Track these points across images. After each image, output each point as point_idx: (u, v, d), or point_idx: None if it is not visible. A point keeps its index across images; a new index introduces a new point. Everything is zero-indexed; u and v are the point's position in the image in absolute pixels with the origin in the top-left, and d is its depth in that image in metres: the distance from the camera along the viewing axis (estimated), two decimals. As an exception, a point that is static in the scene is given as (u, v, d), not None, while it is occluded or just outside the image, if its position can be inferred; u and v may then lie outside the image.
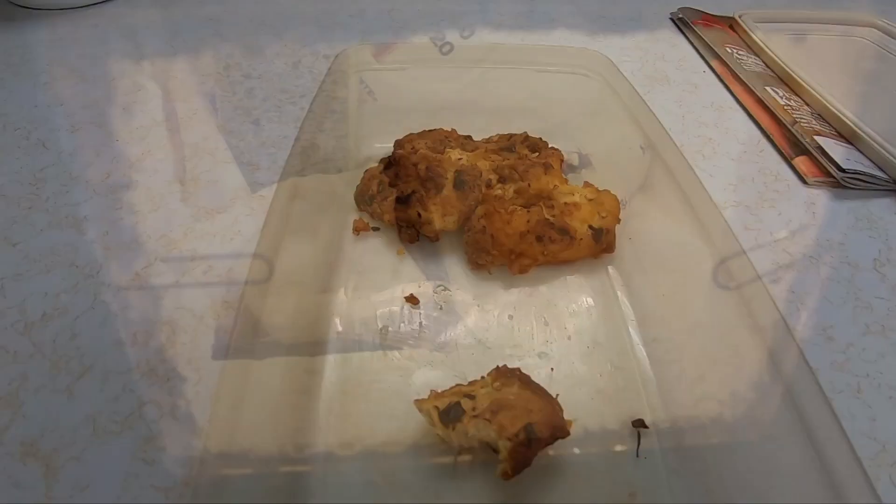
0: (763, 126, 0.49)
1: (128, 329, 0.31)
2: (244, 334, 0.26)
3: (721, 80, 0.57)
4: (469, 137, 0.43)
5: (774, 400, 0.25)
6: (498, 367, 0.27)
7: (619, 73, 0.40)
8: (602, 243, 0.35)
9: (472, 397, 0.26)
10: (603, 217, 0.35)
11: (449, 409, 0.25)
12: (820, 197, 0.43)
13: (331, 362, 0.29)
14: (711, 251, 0.31)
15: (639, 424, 0.27)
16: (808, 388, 0.24)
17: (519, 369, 0.27)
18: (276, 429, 0.26)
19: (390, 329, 0.31)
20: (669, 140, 0.36)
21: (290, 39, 0.62)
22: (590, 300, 0.33)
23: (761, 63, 0.58)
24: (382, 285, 0.34)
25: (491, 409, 0.25)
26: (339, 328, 0.31)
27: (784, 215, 0.41)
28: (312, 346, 0.30)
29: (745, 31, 0.62)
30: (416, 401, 0.26)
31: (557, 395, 0.26)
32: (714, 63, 0.59)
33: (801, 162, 0.45)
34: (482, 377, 0.27)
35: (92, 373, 0.29)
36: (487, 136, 0.44)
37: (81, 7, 0.65)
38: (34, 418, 0.27)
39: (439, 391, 0.26)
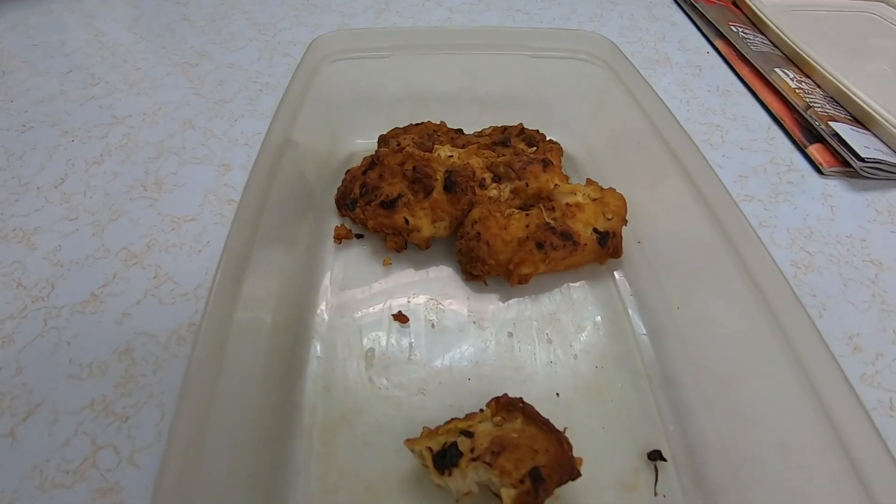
0: (773, 111, 0.46)
1: (82, 360, 0.28)
2: (205, 364, 0.22)
3: (726, 62, 0.53)
4: (460, 131, 0.40)
5: (810, 423, 0.22)
6: (498, 398, 0.24)
7: (623, 56, 0.37)
8: (608, 248, 0.32)
9: (469, 435, 0.23)
10: (608, 219, 0.32)
11: (444, 452, 0.22)
12: (837, 188, 0.40)
13: (310, 392, 0.26)
14: (731, 253, 0.27)
15: (655, 457, 0.25)
16: (847, 407, 0.21)
17: (521, 400, 0.24)
18: (246, 474, 0.23)
19: (377, 352, 0.28)
20: (680, 130, 0.33)
21: (265, 24, 0.57)
22: (596, 313, 0.30)
23: (768, 42, 0.54)
24: (367, 301, 0.30)
25: (492, 449, 0.22)
26: (320, 352, 0.28)
27: (800, 210, 0.38)
28: (289, 373, 0.27)
29: (749, 8, 0.58)
30: (408, 441, 0.23)
31: (566, 428, 0.23)
32: (718, 43, 0.55)
33: (815, 150, 0.42)
34: (481, 410, 0.24)
35: (40, 412, 0.25)
36: (480, 129, 0.40)
37: (35, -9, 0.60)
38: (-29, 471, 0.23)
39: (432, 427, 0.23)
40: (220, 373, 0.22)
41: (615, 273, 0.33)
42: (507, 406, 0.24)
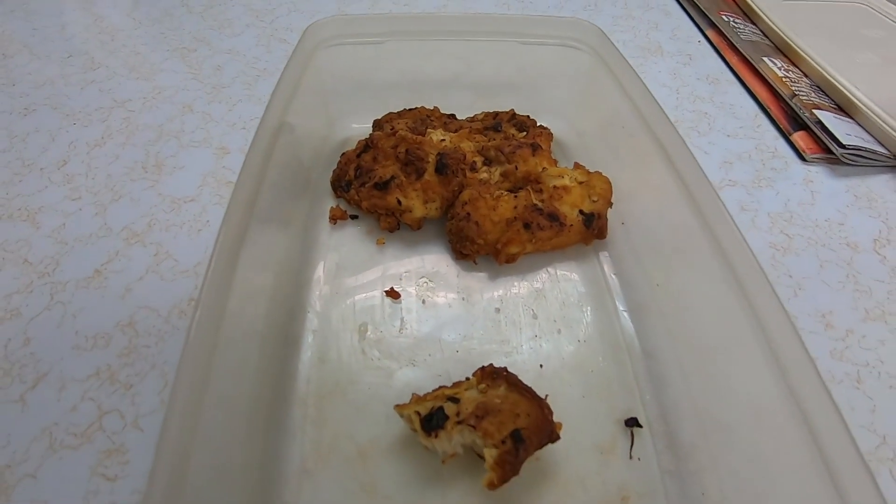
0: (761, 99, 0.47)
1: (87, 332, 0.29)
2: (204, 336, 0.23)
3: (717, 51, 0.54)
4: (452, 116, 0.41)
5: (773, 393, 0.24)
6: (483, 367, 0.25)
7: (611, 44, 0.38)
8: (593, 229, 0.33)
9: (456, 401, 0.24)
10: (594, 201, 0.33)
11: (431, 415, 0.23)
12: (818, 174, 0.41)
13: (305, 363, 0.28)
14: (707, 236, 0.29)
15: (632, 423, 0.26)
16: (808, 379, 0.22)
17: (506, 369, 0.25)
18: (245, 437, 0.24)
19: (370, 325, 0.29)
20: (664, 117, 0.34)
21: (263, 10, 0.58)
22: (581, 290, 0.32)
23: (758, 31, 0.55)
24: (361, 278, 0.32)
25: (476, 413, 0.23)
26: (315, 325, 0.29)
27: (781, 195, 0.39)
28: (285, 345, 0.28)
29: (741, -2, 0.59)
30: (397, 406, 0.24)
31: (547, 395, 0.24)
32: (709, 32, 0.56)
33: (799, 138, 0.43)
34: (467, 378, 0.25)
35: (47, 381, 0.27)
36: (472, 115, 0.41)
37: (34, -24, 0.60)
38: (-16, 433, 0.25)
39: (421, 394, 0.25)
40: (218, 344, 0.23)
41: (600, 253, 0.34)
42: (491, 374, 0.25)
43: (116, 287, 0.31)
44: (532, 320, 0.30)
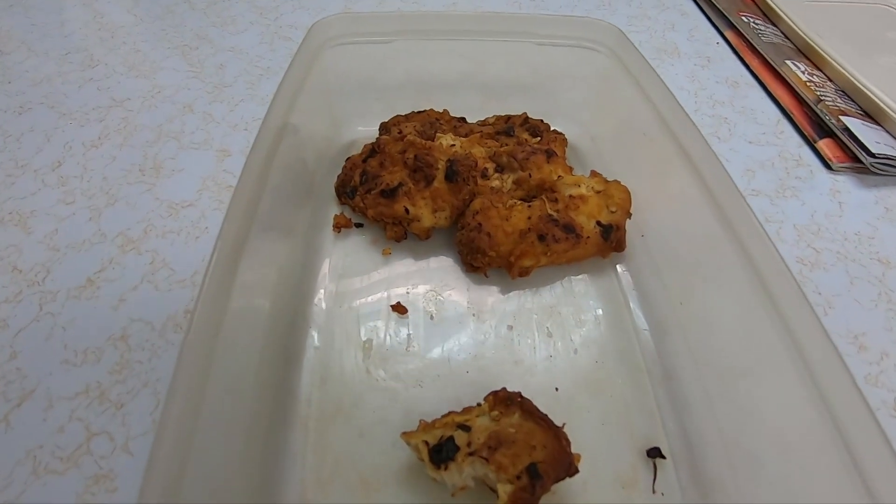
0: (783, 104, 0.45)
1: (77, 346, 0.27)
2: (198, 352, 0.22)
3: (736, 53, 0.52)
4: (462, 119, 0.39)
5: (810, 422, 0.22)
6: (496, 391, 0.24)
7: (630, 45, 0.36)
8: (611, 241, 0.31)
9: (466, 429, 0.22)
10: (612, 212, 0.32)
11: (441, 446, 0.22)
12: (846, 184, 0.39)
13: (306, 383, 0.26)
14: (736, 249, 0.27)
15: (654, 454, 0.24)
16: (851, 407, 0.20)
17: (520, 394, 0.24)
18: (241, 463, 0.23)
19: (375, 343, 0.28)
20: (688, 121, 0.32)
21: (267, 7, 0.56)
22: (598, 307, 0.30)
23: (780, 33, 0.53)
24: (366, 291, 0.30)
25: (489, 444, 0.22)
26: (317, 342, 0.28)
27: (808, 206, 0.37)
28: (286, 363, 0.27)
29: (761, -2, 0.57)
30: (404, 434, 0.23)
31: (564, 424, 0.23)
32: (728, 33, 0.54)
33: (825, 145, 0.41)
34: (478, 404, 0.24)
35: (34, 398, 0.25)
36: (483, 118, 0.40)
37: (34, -30, 0.59)
38: (-36, 456, 0.23)
39: (429, 421, 0.23)
40: (214, 361, 0.21)
41: (617, 266, 0.32)
42: (505, 400, 0.23)
43: (109, 297, 0.30)
44: (546, 339, 0.28)
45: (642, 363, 0.28)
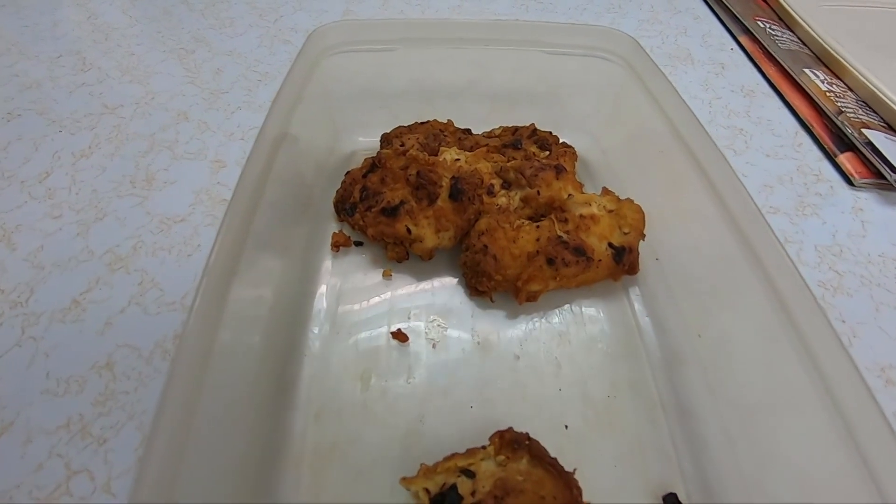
0: (801, 115, 0.43)
1: (60, 374, 0.26)
2: (185, 384, 0.20)
3: (752, 60, 0.50)
4: (468, 131, 0.37)
5: (841, 465, 0.20)
6: (502, 432, 0.22)
7: (645, 55, 0.34)
8: (624, 264, 0.30)
9: (471, 474, 0.21)
10: (625, 233, 0.30)
11: (443, 495, 0.20)
12: (869, 202, 0.37)
13: (300, 417, 0.25)
14: (756, 273, 0.25)
15: (671, 500, 0.23)
16: (883, 448, 0.19)
17: (527, 436, 0.22)
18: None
19: (373, 373, 0.26)
20: (705, 135, 0.30)
21: (266, 9, 0.54)
22: (608, 335, 0.28)
23: (797, 40, 0.51)
24: (365, 316, 0.29)
25: (494, 493, 0.20)
26: (312, 371, 0.26)
27: (829, 224, 0.36)
28: (279, 395, 0.25)
29: (778, 2, 0.55)
30: (404, 479, 0.21)
31: (575, 469, 0.21)
32: (743, 39, 0.52)
33: (846, 160, 0.39)
34: (483, 447, 0.22)
35: (12, 432, 0.24)
36: (489, 129, 0.38)
37: (28, -31, 0.57)
38: (-65, 497, 0.22)
39: (431, 463, 0.22)
40: (201, 394, 0.20)
41: (630, 290, 0.31)
42: (511, 443, 0.22)
43: (95, 321, 0.28)
44: (555, 369, 0.27)
45: (657, 397, 0.26)
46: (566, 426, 0.25)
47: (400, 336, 0.28)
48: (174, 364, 0.20)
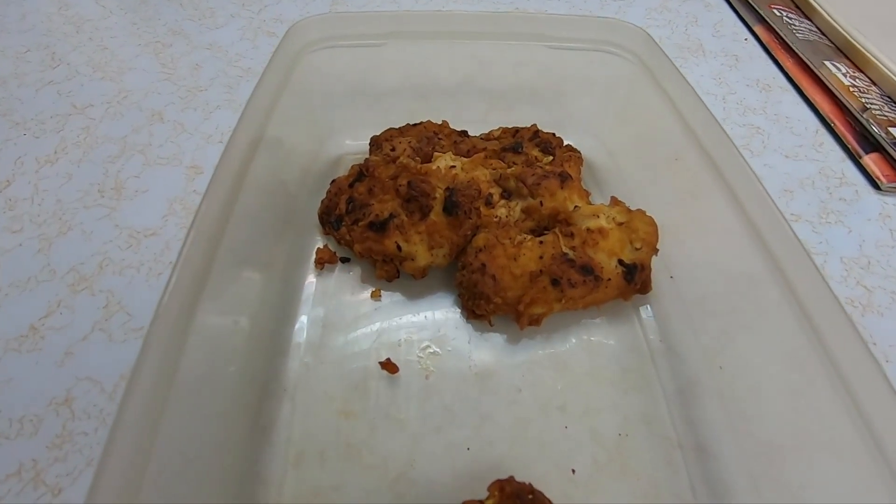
0: (822, 112, 0.40)
1: (12, 412, 0.23)
2: (141, 424, 0.17)
3: (767, 51, 0.47)
4: (464, 133, 0.34)
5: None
6: (502, 482, 0.20)
7: (659, 50, 0.31)
8: (635, 283, 0.27)
9: (467, 535, 0.19)
10: (637, 248, 0.27)
11: (435, 563, 0.18)
12: (897, 208, 0.35)
13: (278, 462, 0.22)
14: (783, 292, 0.23)
15: (691, 558, 0.20)
16: None
17: (531, 487, 0.20)
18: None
19: (360, 411, 0.24)
20: (724, 137, 0.27)
21: (249, 0, 0.51)
22: (619, 362, 0.26)
23: (816, 29, 0.48)
24: (351, 344, 0.26)
25: (493, 560, 0.18)
26: (292, 407, 0.24)
27: (855, 233, 0.33)
28: (252, 435, 0.23)
29: (794, -12, 0.52)
30: (390, 542, 0.19)
31: (584, 527, 0.19)
32: (758, 28, 0.49)
33: (872, 161, 0.36)
34: (481, 501, 0.20)
35: (-44, 482, 0.21)
36: (487, 130, 0.35)
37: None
38: None
39: (422, 521, 0.19)
40: (156, 440, 0.17)
41: (642, 311, 0.28)
42: (513, 496, 0.19)
43: (54, 350, 0.26)
44: (561, 404, 0.24)
45: (673, 435, 0.24)
46: (573, 470, 0.22)
47: (389, 367, 0.25)
48: (123, 405, 0.17)
